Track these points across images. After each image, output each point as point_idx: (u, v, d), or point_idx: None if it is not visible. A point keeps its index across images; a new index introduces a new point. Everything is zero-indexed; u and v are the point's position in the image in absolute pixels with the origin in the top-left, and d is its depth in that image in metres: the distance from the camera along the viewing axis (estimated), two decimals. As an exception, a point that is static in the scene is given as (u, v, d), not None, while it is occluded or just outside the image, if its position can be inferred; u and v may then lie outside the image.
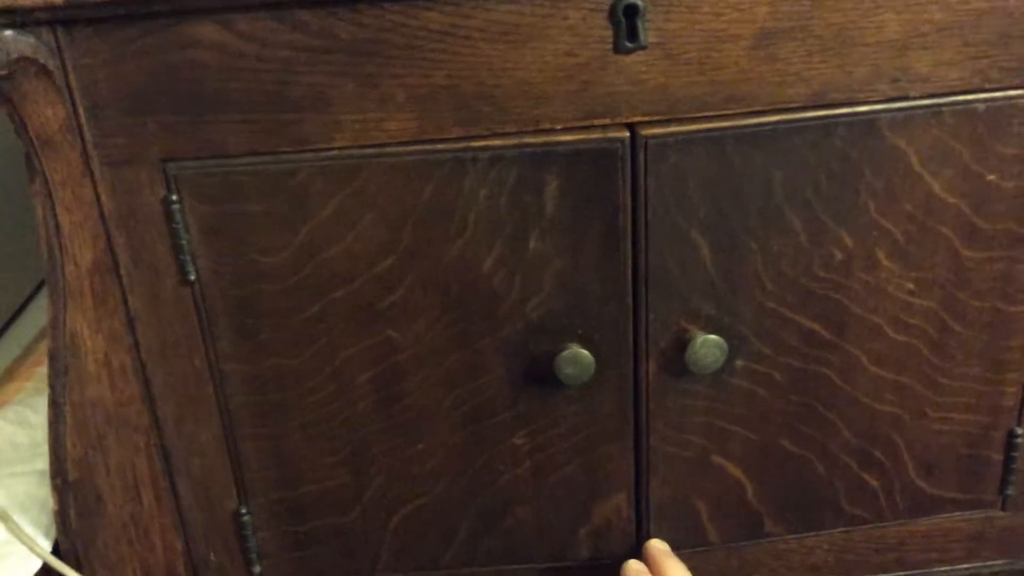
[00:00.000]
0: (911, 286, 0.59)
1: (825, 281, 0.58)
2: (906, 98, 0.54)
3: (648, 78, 0.52)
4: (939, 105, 0.54)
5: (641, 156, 0.53)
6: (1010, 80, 0.54)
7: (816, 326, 0.59)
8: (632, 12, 0.50)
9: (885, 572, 0.68)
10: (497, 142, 0.53)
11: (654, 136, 0.53)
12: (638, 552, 0.65)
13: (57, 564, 0.56)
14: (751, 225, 0.56)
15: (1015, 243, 0.58)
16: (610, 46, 0.51)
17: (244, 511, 0.61)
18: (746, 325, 0.58)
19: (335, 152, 0.52)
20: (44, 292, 0.79)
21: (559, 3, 0.50)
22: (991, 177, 0.56)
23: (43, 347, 0.76)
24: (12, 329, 0.76)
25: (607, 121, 0.53)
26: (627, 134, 0.53)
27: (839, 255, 0.57)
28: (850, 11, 0.52)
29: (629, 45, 0.51)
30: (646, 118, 0.53)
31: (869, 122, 0.54)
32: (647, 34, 0.51)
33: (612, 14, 0.50)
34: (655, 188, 0.54)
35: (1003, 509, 0.67)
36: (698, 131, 0.53)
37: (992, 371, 0.62)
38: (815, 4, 0.51)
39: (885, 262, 0.58)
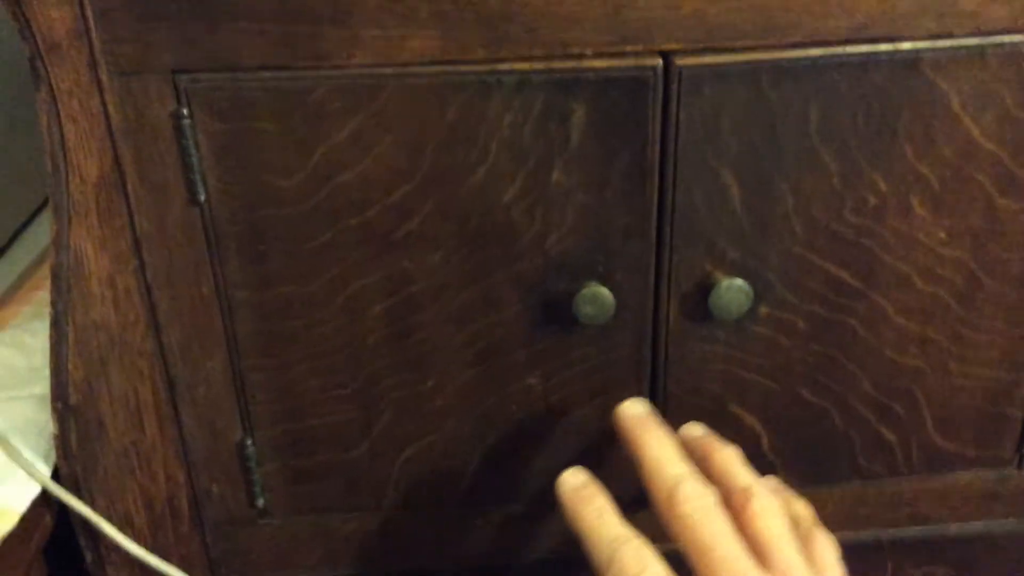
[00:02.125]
0: (943, 235, 0.57)
1: (856, 227, 0.56)
2: (951, 35, 0.52)
3: (685, 3, 0.50)
4: (984, 45, 0.52)
5: (674, 86, 0.51)
6: (1061, 21, 0.52)
7: (843, 274, 0.57)
8: (672, -69, 0.48)
9: (897, 527, 0.67)
10: (524, 66, 0.50)
11: (688, 66, 0.51)
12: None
13: (56, 490, 0.55)
14: (784, 165, 0.54)
15: (1053, 194, 0.56)
16: (647, -33, 0.49)
17: (249, 443, 0.60)
18: (772, 270, 0.57)
19: (354, 70, 0.50)
20: (42, 216, 0.77)
21: (596, -82, 0.47)
22: (1034, 123, 0.54)
23: (42, 271, 0.74)
24: (9, 253, 0.74)
25: (640, 48, 0.51)
26: (660, 62, 0.51)
27: (872, 200, 0.55)
28: (900, -60, 0.49)
29: (667, -33, 0.49)
30: (681, 46, 0.51)
31: (911, 60, 0.52)
32: (686, -44, 0.48)
33: (651, -68, 0.48)
34: (687, 121, 0.52)
35: (1019, 467, 0.66)
36: (735, 62, 0.51)
37: (1018, 327, 0.60)
38: (864, -69, 0.49)
39: (918, 209, 0.56)
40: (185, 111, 0.50)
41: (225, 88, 0.50)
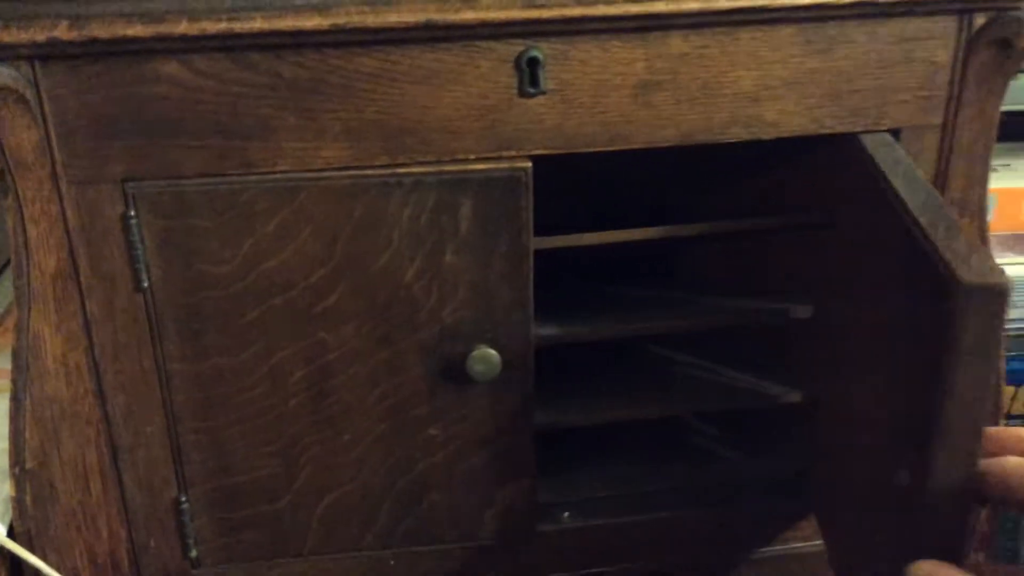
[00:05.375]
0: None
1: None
2: (759, 141, 0.65)
3: (547, 118, 0.62)
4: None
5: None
6: (843, 126, 0.66)
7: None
8: (534, 63, 0.60)
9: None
10: (419, 169, 0.61)
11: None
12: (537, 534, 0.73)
13: (13, 546, 0.62)
14: (633, 244, 0.66)
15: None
16: (515, 91, 0.61)
17: (183, 499, 0.68)
18: (630, 330, 0.68)
19: (278, 175, 0.60)
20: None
21: (473, 54, 0.59)
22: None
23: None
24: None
25: (513, 153, 0.62)
26: (530, 164, 0.62)
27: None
28: (711, 67, 0.62)
29: (531, 91, 0.61)
30: (545, 151, 0.63)
31: (729, 159, 0.65)
32: (546, 82, 0.61)
33: (517, 64, 0.60)
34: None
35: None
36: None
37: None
38: (683, 62, 0.62)
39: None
40: (132, 213, 0.59)
41: (168, 192, 0.59)
